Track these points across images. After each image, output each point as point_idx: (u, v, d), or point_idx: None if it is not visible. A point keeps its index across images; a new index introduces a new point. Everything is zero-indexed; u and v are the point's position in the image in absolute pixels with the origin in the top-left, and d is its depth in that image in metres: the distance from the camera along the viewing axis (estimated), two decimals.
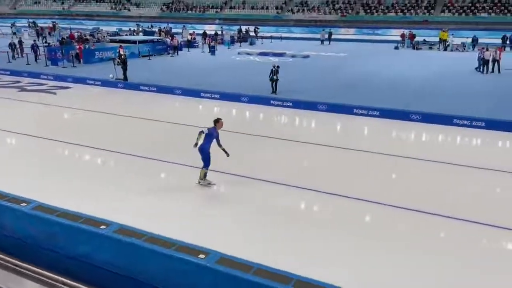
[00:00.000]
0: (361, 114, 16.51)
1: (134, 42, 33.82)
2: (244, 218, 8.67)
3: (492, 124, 14.56)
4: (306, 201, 9.63)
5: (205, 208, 9.18)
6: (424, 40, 39.88)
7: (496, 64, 25.27)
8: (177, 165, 11.33)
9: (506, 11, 48.31)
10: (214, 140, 9.63)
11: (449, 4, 51.13)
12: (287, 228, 8.26)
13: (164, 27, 47.45)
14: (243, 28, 48.09)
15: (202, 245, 6.65)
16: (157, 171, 11.18)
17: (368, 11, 54.40)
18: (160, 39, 36.93)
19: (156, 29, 46.11)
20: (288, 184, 10.11)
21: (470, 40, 37.61)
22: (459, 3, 50.99)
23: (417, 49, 38.25)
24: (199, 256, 6.35)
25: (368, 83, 22.43)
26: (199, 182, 10.00)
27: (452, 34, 38.26)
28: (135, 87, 21.45)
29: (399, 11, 52.76)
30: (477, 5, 49.86)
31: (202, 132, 9.47)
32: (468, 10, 49.87)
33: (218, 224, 8.35)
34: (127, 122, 15.91)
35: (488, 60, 25.12)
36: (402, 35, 40.81)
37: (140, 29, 47.63)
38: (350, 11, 55.40)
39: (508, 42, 36.36)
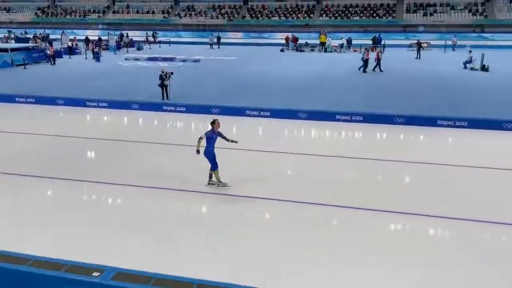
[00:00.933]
0: (253, 115, 17.00)
1: (5, 50, 30.69)
2: (134, 225, 8.40)
3: (370, 118, 16.00)
4: (209, 205, 9.63)
5: (94, 222, 8.67)
6: (306, 42, 42.43)
7: (378, 63, 27.68)
8: (63, 181, 10.55)
9: (375, 14, 53.54)
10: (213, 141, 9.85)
11: (326, 9, 55.07)
12: (191, 233, 8.17)
13: (40, 33, 43.87)
14: (124, 32, 46.61)
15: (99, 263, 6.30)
16: (41, 189, 10.28)
17: (254, 15, 56.26)
18: (36, 46, 34.02)
19: (31, 36, 42.42)
20: (186, 190, 10.00)
21: (346, 41, 40.93)
22: (334, 7, 55.20)
23: (301, 51, 40.57)
24: (93, 274, 5.99)
25: (258, 84, 23.17)
26: (218, 185, 10.08)
27: (330, 37, 41.27)
28: (10, 99, 19.46)
29: (282, 15, 55.42)
30: (350, 9, 54.49)
31: (201, 138, 9.61)
32: (343, 14, 54.27)
33: (108, 239, 7.96)
34: (2, 137, 14.40)
35: (367, 60, 27.37)
36: (286, 38, 42.96)
37: (12, 35, 43.45)
38: (236, 15, 56.73)
39: (377, 43, 40.26)
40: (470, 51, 29.73)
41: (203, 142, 9.71)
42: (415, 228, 8.60)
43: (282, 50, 40.77)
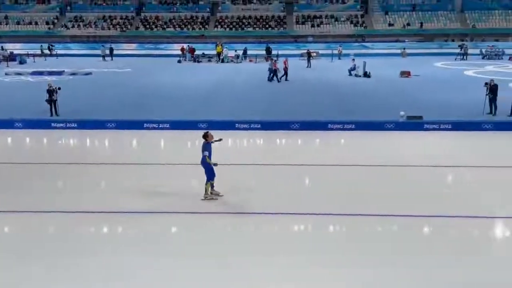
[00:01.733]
0: (152, 128, 16.61)
1: None
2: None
3: (267, 125, 16.54)
4: (111, 225, 9.17)
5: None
6: (203, 53, 42.65)
7: (285, 72, 28.60)
8: None
9: (267, 26, 55.74)
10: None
11: (220, 20, 55.98)
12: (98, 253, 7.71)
13: None
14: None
15: None
16: None
17: (148, 26, 55.08)
18: None
19: None
20: (86, 211, 9.43)
21: (242, 52, 41.97)
22: (229, 19, 56.33)
23: (198, 62, 40.64)
24: None
25: (156, 96, 22.70)
26: (205, 198, 9.84)
27: (226, 47, 41.99)
28: None
29: (177, 26, 55.05)
30: (244, 20, 56.04)
31: (208, 157, 9.62)
32: (237, 25, 55.60)
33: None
34: None
35: (276, 70, 28.27)
36: (182, 49, 42.73)
37: None
38: (129, 26, 55.07)
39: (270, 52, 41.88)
40: (354, 59, 32.33)
41: (200, 152, 9.83)
42: (320, 226, 9.09)
43: (179, 61, 40.49)
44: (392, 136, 15.60)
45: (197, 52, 42.39)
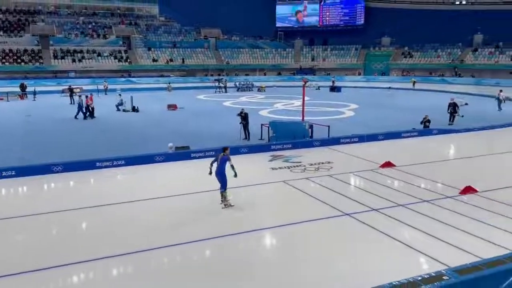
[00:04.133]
0: None
1: None
2: None
3: (22, 171, 14.51)
4: None
5: None
6: None
7: (93, 110, 26.60)
8: None
9: (19, 60, 50.20)
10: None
11: None
12: None
13: None
14: None
15: None
16: None
17: None
18: None
19: None
20: None
21: None
22: None
23: None
24: None
25: None
26: (225, 205, 11.12)
27: None
28: None
29: None
30: None
31: (233, 167, 11.08)
32: None
33: None
34: None
35: (88, 106, 26.22)
36: None
37: None
38: None
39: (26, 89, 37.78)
40: (120, 94, 32.03)
41: (214, 164, 11.24)
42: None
43: None
44: (161, 168, 15.81)
45: None
